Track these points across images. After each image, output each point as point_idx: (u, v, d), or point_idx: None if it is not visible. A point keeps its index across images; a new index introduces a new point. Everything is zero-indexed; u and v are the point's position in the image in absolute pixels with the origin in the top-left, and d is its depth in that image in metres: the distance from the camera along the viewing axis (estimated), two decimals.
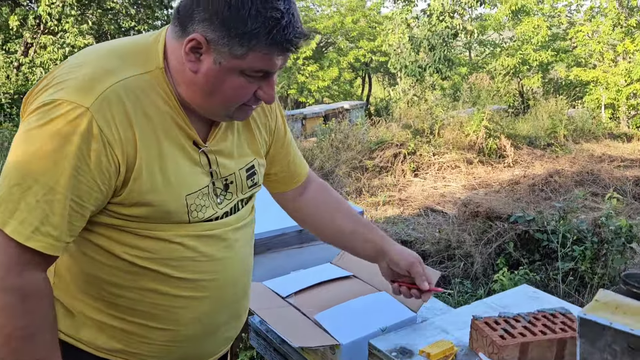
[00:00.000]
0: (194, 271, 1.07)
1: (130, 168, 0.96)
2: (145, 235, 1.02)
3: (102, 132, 0.91)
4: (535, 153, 7.18)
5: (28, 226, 0.90)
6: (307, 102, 12.81)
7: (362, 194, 5.78)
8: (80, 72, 0.95)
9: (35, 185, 0.89)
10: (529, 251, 3.53)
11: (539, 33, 12.35)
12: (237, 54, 0.93)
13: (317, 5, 14.46)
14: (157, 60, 1.00)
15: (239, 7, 0.90)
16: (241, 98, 1.00)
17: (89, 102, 0.91)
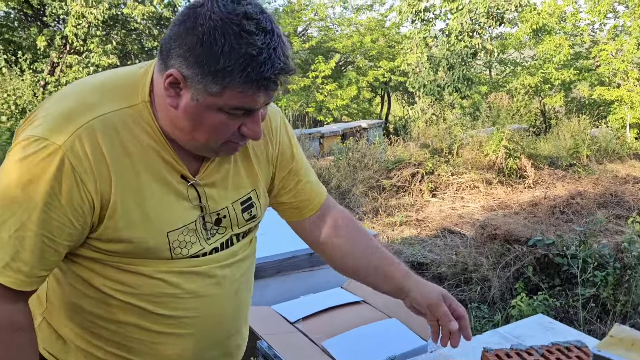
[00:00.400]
0: (175, 308, 1.04)
1: (104, 205, 0.95)
2: (126, 270, 1.00)
3: (74, 169, 0.91)
4: (557, 174, 7.05)
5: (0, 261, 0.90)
6: (326, 120, 12.85)
7: (379, 214, 5.73)
8: (60, 106, 0.95)
9: (10, 219, 0.89)
10: (549, 276, 3.44)
11: (560, 52, 12.23)
12: (212, 91, 0.90)
13: (337, 25, 14.59)
14: (143, 94, 0.98)
15: (211, 44, 0.86)
16: (222, 135, 0.96)
17: (62, 140, 0.90)
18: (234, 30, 0.86)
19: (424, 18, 10.73)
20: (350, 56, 14.24)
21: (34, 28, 11.78)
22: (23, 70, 10.19)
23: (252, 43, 0.87)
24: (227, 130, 0.95)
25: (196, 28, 0.88)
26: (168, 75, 0.92)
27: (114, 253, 0.99)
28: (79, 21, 9.99)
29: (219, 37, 0.86)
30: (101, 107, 0.95)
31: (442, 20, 11.08)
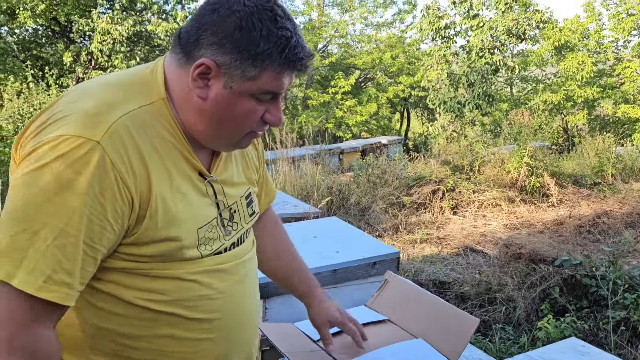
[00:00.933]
0: (209, 310, 1.01)
1: (144, 205, 0.90)
2: (157, 276, 0.95)
3: (115, 167, 0.86)
4: (581, 192, 6.90)
5: (39, 275, 0.81)
6: (345, 136, 12.85)
7: (399, 231, 5.67)
8: (81, 106, 0.89)
9: (43, 229, 0.81)
10: (576, 297, 3.34)
11: (583, 69, 12.10)
12: (250, 75, 0.91)
13: (357, 42, 14.66)
14: (158, 91, 0.96)
15: (250, 29, 0.89)
16: (251, 123, 0.97)
17: (99, 136, 0.85)
18: (268, 15, 0.90)
19: (444, 35, 10.72)
20: (370, 72, 14.28)
21: (60, 44, 12.07)
22: (49, 85, 10.41)
23: (285, 27, 0.91)
24: (255, 117, 0.97)
25: (232, 15, 0.89)
26: (198, 65, 0.91)
27: (149, 258, 0.94)
28: (104, 37, 10.21)
29: (257, 22, 0.89)
30: (127, 104, 0.92)
31: (462, 37, 11.05)
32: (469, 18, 10.42)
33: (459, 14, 10.73)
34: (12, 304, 0.81)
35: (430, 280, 3.95)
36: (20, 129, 7.16)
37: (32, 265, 0.81)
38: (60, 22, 12.11)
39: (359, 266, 2.12)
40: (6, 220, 0.83)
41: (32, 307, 0.82)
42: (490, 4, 10.51)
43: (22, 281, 0.81)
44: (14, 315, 0.82)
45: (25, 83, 10.29)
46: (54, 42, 12.71)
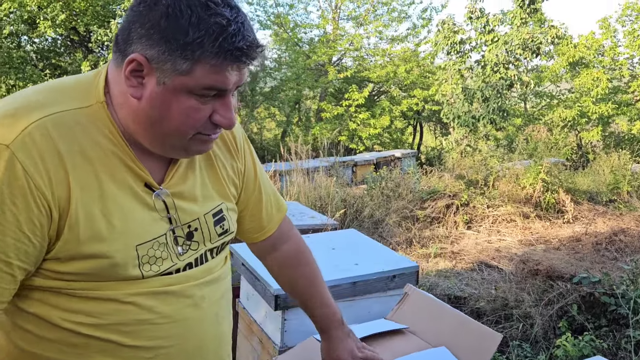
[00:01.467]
0: (151, 337, 0.91)
1: (63, 214, 0.82)
2: (91, 297, 0.86)
3: (27, 172, 0.78)
4: (597, 209, 6.83)
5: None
6: (358, 149, 12.86)
7: (413, 245, 5.64)
8: (2, 109, 0.83)
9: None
10: (594, 315, 3.29)
11: (598, 85, 12.04)
12: (181, 69, 0.81)
13: (371, 56, 14.73)
14: (97, 95, 0.88)
15: (177, 16, 0.79)
16: (193, 123, 0.86)
17: (10, 139, 0.78)
18: (199, 1, 0.80)
19: (459, 50, 10.74)
20: (383, 86, 14.32)
21: (79, 53, 12.25)
22: None
23: (220, 14, 0.81)
24: (198, 117, 0.86)
25: (158, 3, 0.81)
26: (129, 61, 0.82)
27: (76, 276, 0.85)
28: None
29: (185, 9, 0.79)
30: (52, 106, 0.84)
31: (477, 52, 11.07)
32: (485, 33, 10.44)
33: (474, 30, 10.77)
34: None
35: (445, 295, 3.92)
36: None
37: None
38: (80, 32, 12.31)
39: (379, 279, 2.11)
40: None
41: None
42: (506, 20, 10.53)
43: None
44: None
45: None
46: (72, 52, 12.92)
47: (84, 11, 11.71)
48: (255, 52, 0.84)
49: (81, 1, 11.49)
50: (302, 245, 1.32)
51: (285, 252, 1.28)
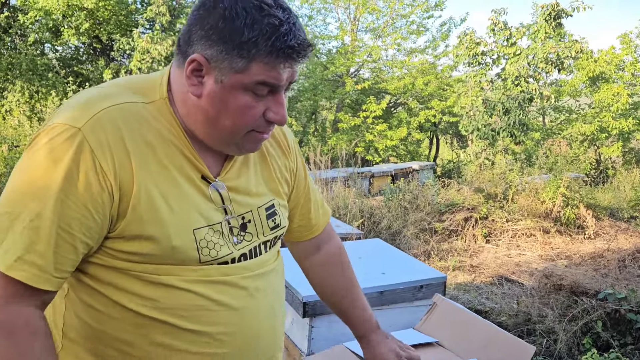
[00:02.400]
0: (208, 322, 0.95)
1: (126, 195, 0.88)
2: (150, 281, 0.92)
3: (94, 153, 0.85)
4: (619, 225, 6.74)
5: (12, 255, 0.83)
6: (374, 160, 12.85)
7: (431, 257, 5.60)
8: (77, 99, 0.92)
9: (24, 211, 0.83)
10: (620, 333, 3.23)
11: (618, 101, 11.91)
12: (237, 67, 0.88)
13: (389, 68, 14.75)
14: (160, 91, 0.96)
15: (233, 18, 0.86)
16: (249, 120, 0.92)
17: (81, 123, 0.86)
18: (254, 4, 0.87)
19: (480, 62, 10.72)
20: (400, 98, 14.33)
21: (101, 61, 12.46)
22: None
23: (273, 15, 0.87)
24: (253, 114, 0.92)
25: (217, 6, 0.87)
26: (190, 61, 0.89)
27: (139, 256, 0.91)
28: (143, 56, 10.52)
29: (241, 11, 0.86)
30: (119, 97, 0.92)
31: (497, 65, 11.03)
32: (508, 46, 10.41)
33: (496, 42, 10.75)
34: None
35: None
36: None
37: (8, 246, 0.83)
38: (102, 41, 12.53)
39: (406, 289, 2.10)
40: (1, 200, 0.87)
41: (6, 285, 0.84)
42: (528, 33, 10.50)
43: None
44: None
45: (65, 98, 10.64)
46: (94, 60, 13.14)
47: (107, 20, 11.93)
48: (306, 50, 0.90)
49: (105, 10, 11.70)
50: (343, 247, 1.38)
51: (329, 251, 1.34)
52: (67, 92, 10.74)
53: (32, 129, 9.42)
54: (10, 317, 0.84)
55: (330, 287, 1.35)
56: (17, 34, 11.82)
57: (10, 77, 11.30)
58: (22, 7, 11.36)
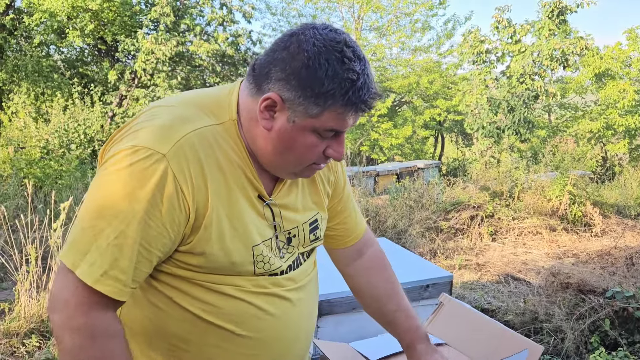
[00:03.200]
0: (256, 329, 1.05)
1: (200, 216, 0.96)
2: (211, 289, 1.01)
3: (177, 179, 0.92)
4: (626, 223, 6.69)
5: (97, 269, 0.89)
6: (379, 159, 12.84)
7: (437, 256, 5.59)
8: (157, 120, 0.97)
9: (107, 228, 0.89)
10: (628, 331, 3.21)
11: (625, 97, 11.84)
12: (312, 113, 0.94)
13: (394, 66, 14.72)
14: (230, 112, 1.02)
15: (316, 68, 0.92)
16: (312, 156, 1.01)
17: (166, 149, 0.92)
18: (336, 56, 0.93)
19: (485, 60, 10.68)
20: (405, 96, 14.29)
21: (106, 62, 12.49)
22: (94, 102, 10.76)
23: (352, 69, 0.93)
24: (316, 151, 1.00)
25: (300, 53, 0.93)
26: (265, 98, 0.95)
27: (201, 269, 0.99)
28: (148, 57, 10.54)
29: (324, 62, 0.92)
30: (197, 121, 0.98)
31: (502, 63, 10.98)
32: (512, 44, 10.36)
33: (500, 40, 10.70)
34: (76, 290, 0.90)
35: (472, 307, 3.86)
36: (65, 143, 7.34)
37: (93, 259, 0.90)
38: (107, 42, 12.56)
39: (412, 288, 2.10)
40: (81, 214, 0.92)
41: (90, 295, 0.90)
42: (533, 30, 10.44)
43: (83, 272, 0.89)
44: (76, 299, 0.90)
45: (70, 99, 10.67)
46: (99, 61, 13.18)
47: (112, 21, 11.95)
48: (375, 102, 0.99)
49: (109, 12, 11.73)
50: (383, 252, 1.43)
51: (372, 255, 1.39)
52: (72, 93, 10.78)
53: (38, 130, 9.46)
54: (93, 322, 0.91)
55: (375, 291, 1.36)
56: (23, 36, 11.86)
57: (15, 79, 11.35)
58: (27, 9, 11.41)
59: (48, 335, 3.20)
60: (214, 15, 11.56)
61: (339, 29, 0.99)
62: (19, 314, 3.27)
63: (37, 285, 3.41)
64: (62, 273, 0.91)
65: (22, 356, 2.99)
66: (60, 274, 0.92)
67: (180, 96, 1.07)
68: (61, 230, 3.48)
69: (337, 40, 0.94)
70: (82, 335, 0.90)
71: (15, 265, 3.55)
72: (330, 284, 1.99)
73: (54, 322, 0.91)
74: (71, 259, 0.90)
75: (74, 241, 0.91)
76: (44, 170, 7.23)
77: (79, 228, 0.91)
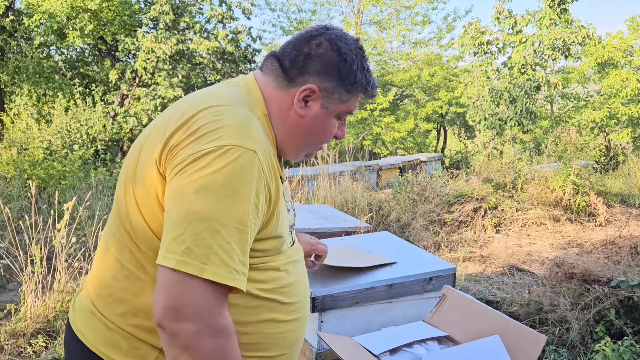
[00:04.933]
0: (295, 295, 1.17)
1: (274, 205, 1.06)
2: (264, 268, 1.10)
3: (264, 173, 1.01)
4: (630, 212, 6.67)
5: (226, 268, 0.93)
6: (382, 153, 12.82)
7: (441, 249, 5.58)
8: (229, 118, 1.02)
9: (222, 227, 0.93)
10: (633, 320, 3.20)
11: (627, 86, 11.78)
12: (344, 99, 1.15)
13: (395, 60, 14.68)
14: (262, 108, 1.13)
15: (351, 62, 1.12)
16: (330, 136, 1.19)
17: (255, 146, 0.99)
18: (359, 53, 1.16)
19: (486, 51, 10.63)
20: (406, 90, 14.25)
21: (107, 62, 12.49)
22: (95, 102, 10.77)
23: (368, 62, 1.19)
24: (333, 132, 1.19)
25: (337, 50, 1.12)
26: (305, 89, 1.11)
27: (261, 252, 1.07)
28: (148, 56, 10.53)
29: (355, 58, 1.14)
30: (253, 117, 1.07)
31: (503, 54, 10.93)
32: (513, 34, 10.31)
33: (501, 31, 10.65)
34: (206, 294, 0.92)
35: (477, 299, 3.86)
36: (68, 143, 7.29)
37: (219, 260, 0.93)
38: (107, 42, 12.57)
39: (415, 281, 2.09)
40: (187, 220, 0.92)
41: (220, 294, 0.94)
42: (534, 20, 10.38)
43: (214, 274, 0.92)
44: (210, 303, 0.92)
45: (72, 100, 10.69)
46: (100, 61, 13.18)
47: (112, 21, 11.95)
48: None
49: (108, 11, 11.72)
50: None
51: None
52: (74, 94, 10.79)
53: (41, 131, 9.48)
54: (227, 322, 0.96)
55: None
56: (23, 37, 11.88)
57: (17, 81, 11.37)
58: (26, 11, 11.41)
59: (54, 335, 3.21)
60: (213, 13, 11.54)
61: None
62: (25, 314, 3.28)
63: (43, 286, 3.42)
64: (179, 282, 0.90)
65: (29, 356, 3.01)
66: (175, 283, 0.91)
67: (217, 94, 1.11)
68: (65, 231, 3.49)
69: (356, 39, 1.16)
70: (224, 335, 0.94)
71: (20, 266, 3.56)
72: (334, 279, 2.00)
73: (185, 331, 0.90)
74: (193, 266, 0.91)
75: (189, 248, 0.91)
76: (47, 171, 7.25)
77: (190, 234, 0.91)
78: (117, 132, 10.75)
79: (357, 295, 2.05)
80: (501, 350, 1.53)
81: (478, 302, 1.83)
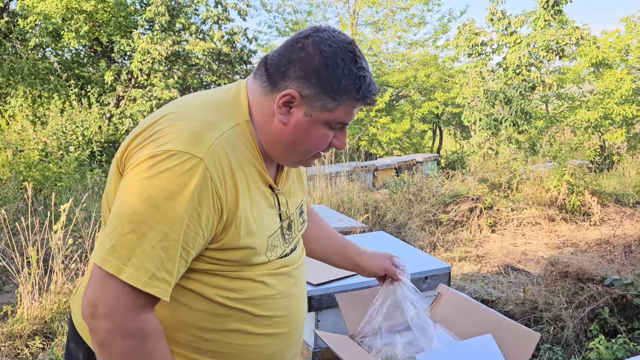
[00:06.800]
0: (272, 308, 1.12)
1: (231, 215, 1.00)
2: (234, 277, 1.06)
3: (213, 181, 0.96)
4: (624, 211, 6.71)
5: (145, 272, 0.92)
6: (378, 153, 12.85)
7: (437, 249, 5.61)
8: (184, 124, 1.00)
9: (150, 231, 0.91)
10: (627, 318, 3.23)
11: (622, 86, 11.85)
12: (329, 107, 1.04)
13: (390, 61, 14.72)
14: (244, 114, 1.08)
15: (334, 67, 1.02)
16: (321, 146, 1.10)
17: (202, 153, 0.95)
18: (349, 56, 1.04)
19: (480, 52, 10.67)
20: (403, 90, 14.29)
21: (102, 63, 12.47)
22: (91, 103, 10.75)
23: (361, 67, 1.05)
24: (325, 142, 1.09)
25: (319, 54, 1.02)
26: (285, 95, 1.03)
27: (229, 262, 1.04)
28: (144, 57, 10.53)
29: (340, 62, 1.02)
30: (221, 125, 1.03)
31: (498, 54, 10.97)
32: (507, 35, 10.35)
33: (496, 32, 10.69)
34: (121, 295, 0.92)
35: (472, 298, 3.89)
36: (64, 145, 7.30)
37: (139, 263, 0.92)
38: (103, 43, 12.55)
39: (411, 281, 2.11)
40: (118, 220, 0.93)
41: (137, 298, 0.93)
42: (528, 21, 10.43)
43: (131, 276, 0.91)
44: (124, 304, 0.92)
45: (68, 101, 10.66)
46: (95, 62, 13.16)
47: (107, 22, 11.94)
48: (377, 96, 1.10)
49: (104, 12, 11.71)
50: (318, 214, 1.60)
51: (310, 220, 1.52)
52: (69, 95, 10.77)
53: (36, 133, 9.46)
54: (143, 324, 0.94)
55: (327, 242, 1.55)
56: (18, 38, 11.84)
57: (12, 82, 11.34)
58: (21, 12, 11.39)
59: (51, 336, 3.22)
60: (209, 14, 11.54)
61: (342, 32, 1.08)
62: (22, 316, 3.28)
63: (39, 287, 3.42)
64: (100, 279, 0.92)
65: (26, 358, 3.01)
66: (98, 280, 0.92)
67: (193, 100, 1.10)
68: (62, 232, 3.50)
69: (348, 42, 1.05)
70: (135, 338, 0.93)
71: (17, 268, 3.56)
72: (330, 278, 2.01)
73: (100, 329, 0.92)
74: (114, 265, 0.91)
75: (113, 247, 0.91)
76: (43, 172, 7.24)
77: (118, 234, 0.92)
78: (113, 133, 10.74)
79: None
80: (494, 348, 1.55)
81: (472, 301, 1.85)
